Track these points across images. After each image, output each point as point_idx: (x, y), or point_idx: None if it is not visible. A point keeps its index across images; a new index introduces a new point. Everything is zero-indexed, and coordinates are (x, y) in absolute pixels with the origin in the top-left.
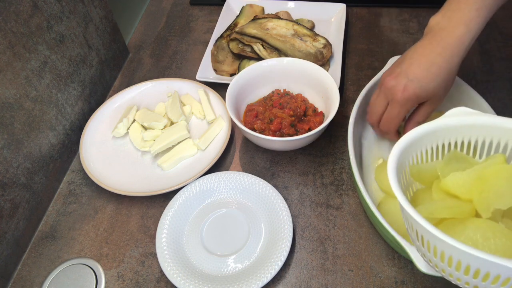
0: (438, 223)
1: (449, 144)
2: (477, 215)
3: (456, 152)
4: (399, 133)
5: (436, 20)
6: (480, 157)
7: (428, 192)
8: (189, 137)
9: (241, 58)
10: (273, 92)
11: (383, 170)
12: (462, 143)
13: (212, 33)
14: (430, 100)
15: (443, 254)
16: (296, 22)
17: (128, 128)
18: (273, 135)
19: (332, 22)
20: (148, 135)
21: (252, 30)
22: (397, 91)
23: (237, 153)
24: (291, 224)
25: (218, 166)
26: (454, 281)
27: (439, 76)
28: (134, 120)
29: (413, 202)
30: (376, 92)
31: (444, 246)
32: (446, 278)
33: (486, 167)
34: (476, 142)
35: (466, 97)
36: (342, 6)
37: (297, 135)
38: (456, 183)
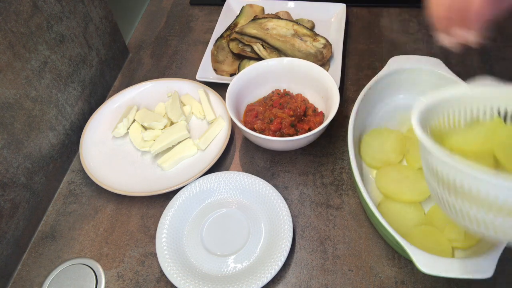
0: None
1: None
2: (497, 167)
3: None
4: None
5: None
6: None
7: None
8: (189, 137)
9: (241, 58)
10: (273, 92)
11: (383, 172)
12: (491, 111)
13: (212, 33)
14: None
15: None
16: (296, 22)
17: (128, 128)
18: (273, 135)
19: (332, 22)
20: (148, 135)
21: (252, 30)
22: None
23: (237, 153)
24: (291, 224)
25: (218, 166)
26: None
27: None
28: (134, 120)
29: None
30: None
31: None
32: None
33: (490, 128)
34: (505, 111)
35: None
36: (342, 6)
37: (297, 135)
38: (468, 141)
